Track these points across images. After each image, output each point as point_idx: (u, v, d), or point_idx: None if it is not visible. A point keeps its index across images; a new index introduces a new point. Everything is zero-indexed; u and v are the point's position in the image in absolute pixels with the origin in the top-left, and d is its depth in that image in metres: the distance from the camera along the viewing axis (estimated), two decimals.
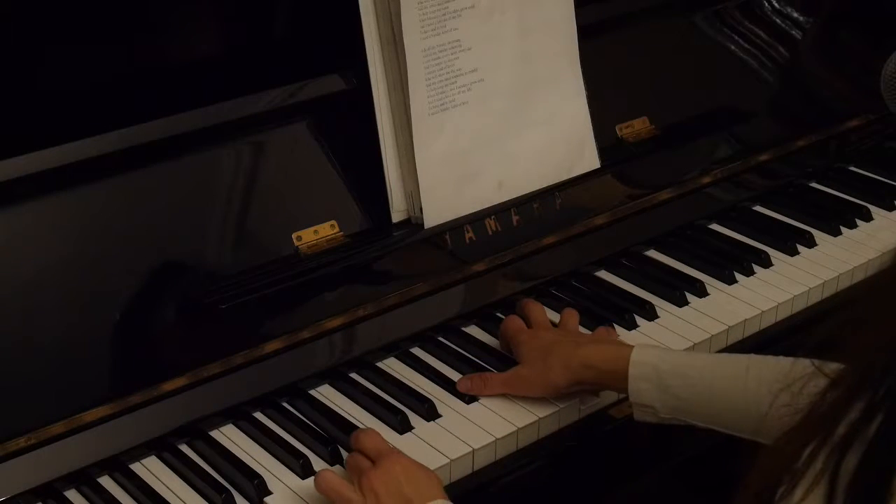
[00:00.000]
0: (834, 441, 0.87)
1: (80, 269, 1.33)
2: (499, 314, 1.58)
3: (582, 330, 1.53)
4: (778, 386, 1.03)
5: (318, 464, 1.31)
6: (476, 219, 1.57)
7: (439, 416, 1.39)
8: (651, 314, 1.58)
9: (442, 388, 1.44)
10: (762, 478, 0.94)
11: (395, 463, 1.22)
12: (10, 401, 1.25)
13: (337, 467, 1.31)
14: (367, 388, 1.44)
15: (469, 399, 1.42)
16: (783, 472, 0.91)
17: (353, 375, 1.46)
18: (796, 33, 2.01)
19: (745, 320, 1.58)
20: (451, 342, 1.53)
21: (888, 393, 0.85)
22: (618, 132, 1.75)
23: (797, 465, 0.90)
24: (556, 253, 1.64)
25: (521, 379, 1.41)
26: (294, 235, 1.45)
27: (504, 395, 1.42)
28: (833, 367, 0.94)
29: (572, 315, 1.53)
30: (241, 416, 1.38)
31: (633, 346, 1.37)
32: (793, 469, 0.90)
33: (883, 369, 0.86)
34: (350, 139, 1.51)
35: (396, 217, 1.52)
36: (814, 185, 1.94)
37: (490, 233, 1.58)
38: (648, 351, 1.37)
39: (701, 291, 1.63)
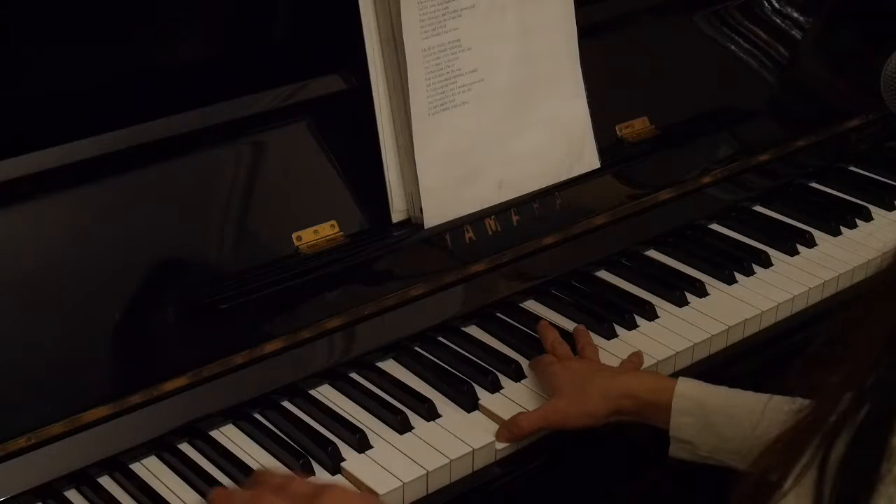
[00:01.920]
0: (824, 430, 0.88)
1: (80, 268, 1.33)
2: (499, 314, 1.58)
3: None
4: None
5: (317, 464, 1.31)
6: (476, 219, 1.57)
7: (439, 416, 1.39)
8: (651, 314, 1.58)
9: (442, 388, 1.44)
10: (761, 472, 0.95)
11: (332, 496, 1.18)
12: (10, 401, 1.25)
13: (339, 477, 1.31)
14: (367, 388, 1.44)
15: (469, 399, 1.42)
16: (779, 465, 0.92)
17: (353, 375, 1.46)
18: (796, 33, 2.01)
19: (745, 320, 1.58)
20: (451, 342, 1.53)
21: (876, 383, 0.87)
22: (618, 132, 1.75)
23: (791, 457, 0.91)
24: (556, 253, 1.64)
25: (558, 411, 1.36)
26: (294, 235, 1.45)
27: (503, 395, 1.43)
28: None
29: (589, 342, 1.49)
30: (241, 416, 1.38)
31: (676, 379, 1.35)
32: (787, 460, 0.91)
33: (873, 362, 0.87)
34: (350, 139, 1.51)
35: (396, 217, 1.52)
36: (814, 185, 1.94)
37: (490, 233, 1.58)
38: (693, 385, 1.34)
39: (701, 291, 1.63)
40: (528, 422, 1.36)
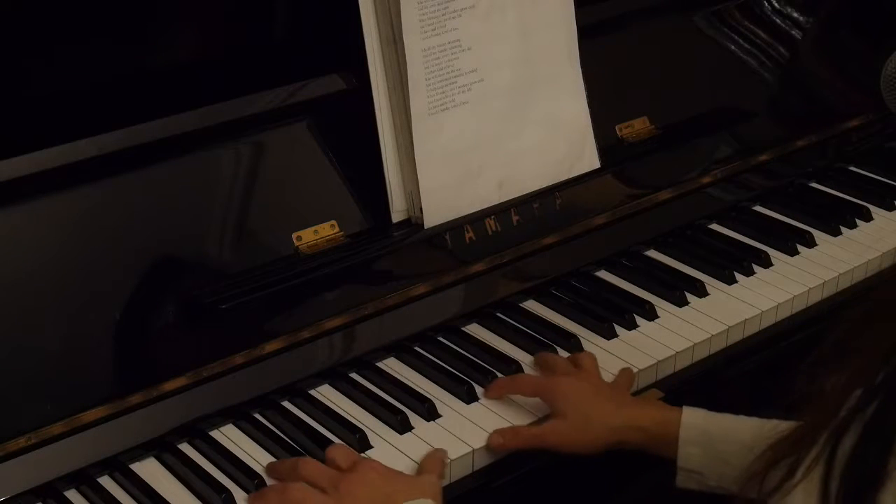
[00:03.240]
0: (832, 426, 0.89)
1: (80, 268, 1.33)
2: (499, 314, 1.58)
3: (577, 329, 1.55)
4: None
5: None
6: (476, 219, 1.57)
7: (439, 416, 1.39)
8: (651, 314, 1.58)
9: (442, 388, 1.44)
10: (765, 467, 0.96)
11: (371, 469, 1.22)
12: (10, 401, 1.25)
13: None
14: (367, 388, 1.44)
15: (469, 399, 1.42)
16: (785, 460, 0.93)
17: (353, 375, 1.46)
18: (796, 33, 2.01)
19: (745, 320, 1.58)
20: (451, 342, 1.53)
21: (886, 379, 0.87)
22: (618, 132, 1.75)
23: (799, 452, 0.91)
24: (556, 253, 1.64)
25: (557, 434, 1.34)
26: (294, 235, 1.45)
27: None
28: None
29: (591, 358, 1.46)
30: (241, 416, 1.38)
31: (680, 409, 1.34)
32: (794, 454, 0.91)
33: (883, 358, 0.87)
34: (350, 139, 1.51)
35: (396, 217, 1.52)
36: (814, 185, 1.94)
37: (490, 233, 1.58)
38: (698, 414, 1.33)
39: (701, 291, 1.63)
40: (524, 437, 1.35)
